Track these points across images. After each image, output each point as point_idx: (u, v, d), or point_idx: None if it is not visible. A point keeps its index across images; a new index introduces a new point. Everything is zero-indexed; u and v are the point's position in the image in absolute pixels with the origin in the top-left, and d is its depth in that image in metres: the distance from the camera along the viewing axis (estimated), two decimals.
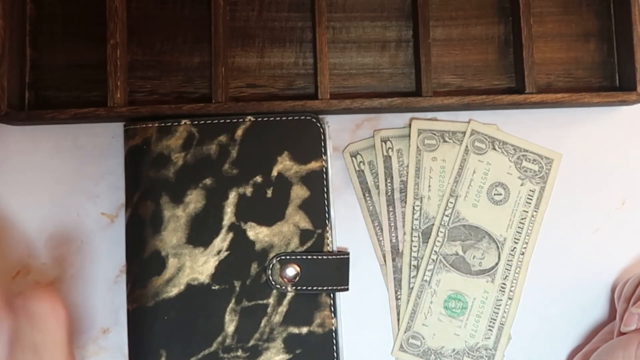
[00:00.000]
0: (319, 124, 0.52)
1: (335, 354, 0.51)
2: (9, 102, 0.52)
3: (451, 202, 0.54)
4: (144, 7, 0.55)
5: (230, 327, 0.51)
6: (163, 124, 0.52)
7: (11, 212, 0.54)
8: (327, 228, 0.52)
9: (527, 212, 0.54)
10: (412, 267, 0.53)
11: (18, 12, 0.54)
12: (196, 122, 0.52)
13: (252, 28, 0.56)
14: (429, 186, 0.54)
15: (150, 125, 0.52)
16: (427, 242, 0.54)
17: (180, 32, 0.55)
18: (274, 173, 0.52)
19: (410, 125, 0.54)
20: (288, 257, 0.51)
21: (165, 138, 0.52)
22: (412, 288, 0.53)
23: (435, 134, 0.54)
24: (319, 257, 0.51)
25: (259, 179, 0.52)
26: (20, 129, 0.54)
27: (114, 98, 0.52)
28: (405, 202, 0.54)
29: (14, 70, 0.53)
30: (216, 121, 0.52)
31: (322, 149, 0.52)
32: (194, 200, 0.51)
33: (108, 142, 0.55)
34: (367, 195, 0.55)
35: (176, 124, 0.52)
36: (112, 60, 0.53)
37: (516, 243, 0.54)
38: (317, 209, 0.52)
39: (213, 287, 0.51)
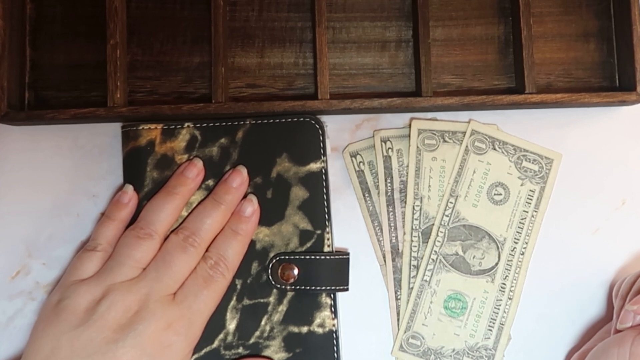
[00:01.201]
0: (317, 125, 0.52)
1: (335, 354, 0.51)
2: (9, 102, 0.52)
3: (451, 202, 0.54)
4: (144, 7, 0.55)
5: (231, 324, 0.51)
6: (166, 127, 0.52)
7: (11, 212, 0.54)
8: (327, 229, 0.52)
9: (527, 212, 0.54)
10: (412, 267, 0.54)
11: (18, 12, 0.54)
12: (198, 125, 0.52)
13: (252, 28, 0.56)
14: (429, 186, 0.54)
15: (154, 127, 0.52)
16: (427, 242, 0.54)
17: (180, 32, 0.55)
18: (274, 174, 0.52)
19: (410, 125, 0.54)
20: (287, 257, 0.51)
21: (169, 140, 0.52)
22: (412, 288, 0.53)
23: (435, 134, 0.54)
24: (318, 257, 0.51)
25: (258, 180, 0.52)
26: (20, 129, 0.54)
27: (114, 98, 0.52)
28: (405, 202, 0.54)
29: (14, 70, 0.53)
30: (217, 124, 0.52)
31: (321, 150, 0.52)
32: (197, 200, 0.51)
33: (108, 142, 0.55)
34: (366, 195, 0.55)
35: (179, 126, 0.52)
36: (112, 60, 0.53)
37: (516, 243, 0.54)
38: (317, 209, 0.52)
39: None
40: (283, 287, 0.51)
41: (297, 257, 0.51)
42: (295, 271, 0.51)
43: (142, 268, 0.49)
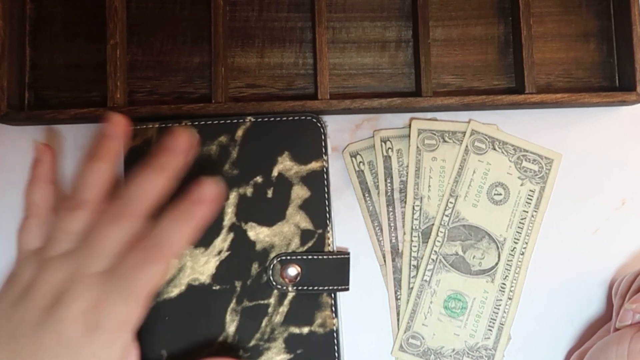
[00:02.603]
0: (319, 124, 0.52)
1: (336, 354, 0.51)
2: (8, 102, 0.52)
3: (451, 202, 0.54)
4: (144, 7, 0.55)
5: (231, 327, 0.51)
6: (163, 125, 0.52)
7: (11, 212, 0.54)
8: (328, 228, 0.52)
9: (527, 212, 0.54)
10: (412, 267, 0.54)
11: (18, 12, 0.54)
12: (196, 123, 0.52)
13: (252, 28, 0.56)
14: (429, 186, 0.54)
15: (151, 126, 0.52)
16: (427, 242, 0.54)
17: (180, 32, 0.55)
18: (275, 173, 0.52)
19: (410, 125, 0.54)
20: (289, 257, 0.51)
21: None
22: (412, 288, 0.53)
23: (435, 134, 0.54)
24: (320, 257, 0.51)
25: (259, 179, 0.52)
26: (20, 129, 0.54)
27: (114, 98, 0.52)
28: (405, 202, 0.54)
29: (14, 70, 0.53)
30: (216, 122, 0.52)
31: (323, 149, 0.52)
32: None
33: None
34: (366, 195, 0.55)
35: (177, 124, 0.52)
36: (112, 60, 0.53)
37: (516, 243, 0.54)
38: (318, 209, 0.52)
39: (214, 287, 0.51)
40: (284, 288, 0.51)
41: (299, 257, 0.51)
42: (297, 271, 0.51)
43: (78, 240, 0.44)
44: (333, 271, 0.51)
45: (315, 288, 0.51)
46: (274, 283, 0.51)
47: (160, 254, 0.44)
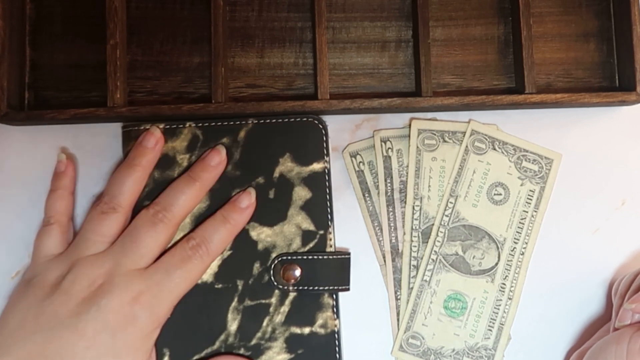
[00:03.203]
0: (320, 126, 0.52)
1: (337, 355, 0.51)
2: (8, 102, 0.52)
3: (451, 202, 0.54)
4: (144, 7, 0.55)
5: (232, 325, 0.51)
6: (168, 126, 0.52)
7: (11, 212, 0.54)
8: (330, 229, 0.52)
9: (527, 212, 0.54)
10: (411, 267, 0.54)
11: (18, 12, 0.54)
12: (200, 125, 0.52)
13: (251, 28, 0.56)
14: (429, 186, 0.54)
15: (150, 126, 0.52)
16: (427, 242, 0.54)
17: (180, 32, 0.55)
18: (276, 174, 0.52)
19: (410, 125, 0.55)
20: (290, 257, 0.51)
21: (171, 140, 0.52)
22: (412, 288, 0.53)
23: (435, 134, 0.54)
24: (321, 257, 0.51)
25: (261, 180, 0.52)
26: (20, 129, 0.54)
27: (114, 98, 0.52)
28: (405, 202, 0.54)
29: (14, 70, 0.53)
30: (219, 123, 0.52)
31: (324, 150, 0.52)
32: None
33: (108, 142, 0.55)
34: (366, 195, 0.55)
35: (181, 126, 0.52)
36: (112, 60, 0.52)
37: (516, 243, 0.54)
38: (319, 210, 0.52)
39: (216, 286, 0.51)
40: (285, 287, 0.51)
41: (300, 257, 0.51)
42: (298, 272, 0.51)
43: (109, 242, 0.49)
44: (334, 271, 0.51)
45: (316, 288, 0.51)
46: (276, 283, 0.51)
47: (199, 255, 0.48)
